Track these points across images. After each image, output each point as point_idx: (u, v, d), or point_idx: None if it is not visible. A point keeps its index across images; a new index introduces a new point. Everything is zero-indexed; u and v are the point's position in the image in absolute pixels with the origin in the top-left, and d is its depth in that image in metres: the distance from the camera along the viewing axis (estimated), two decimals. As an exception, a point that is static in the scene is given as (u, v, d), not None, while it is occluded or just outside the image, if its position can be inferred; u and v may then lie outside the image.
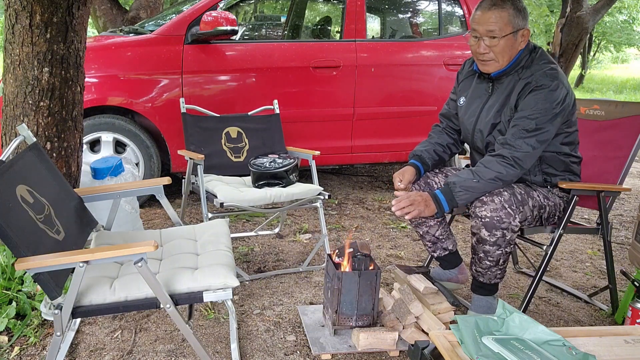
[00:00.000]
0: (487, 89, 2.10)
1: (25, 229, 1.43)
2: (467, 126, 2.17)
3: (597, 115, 2.39)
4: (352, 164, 4.63)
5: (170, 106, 3.33)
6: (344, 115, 3.79)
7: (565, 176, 2.11)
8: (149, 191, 1.99)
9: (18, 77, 2.33)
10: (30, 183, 1.59)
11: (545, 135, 1.94)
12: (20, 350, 1.90)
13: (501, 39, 1.95)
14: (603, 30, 18.24)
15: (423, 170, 2.23)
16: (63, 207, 1.72)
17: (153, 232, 2.02)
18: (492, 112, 2.06)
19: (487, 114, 2.08)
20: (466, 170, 2.00)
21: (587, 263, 3.00)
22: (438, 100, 3.89)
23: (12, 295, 2.07)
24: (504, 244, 1.94)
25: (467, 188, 1.93)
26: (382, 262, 2.83)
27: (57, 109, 2.38)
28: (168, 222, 3.26)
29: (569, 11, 7.79)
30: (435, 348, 1.06)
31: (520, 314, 1.13)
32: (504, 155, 1.94)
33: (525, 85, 1.96)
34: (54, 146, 2.40)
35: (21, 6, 2.24)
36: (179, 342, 1.98)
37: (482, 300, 2.10)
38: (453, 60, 3.97)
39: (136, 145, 3.39)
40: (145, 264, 1.41)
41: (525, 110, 1.94)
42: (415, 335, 1.95)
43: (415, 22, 4.78)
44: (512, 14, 1.95)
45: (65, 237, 1.60)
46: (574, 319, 2.31)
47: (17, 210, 1.44)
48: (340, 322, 1.97)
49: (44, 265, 1.35)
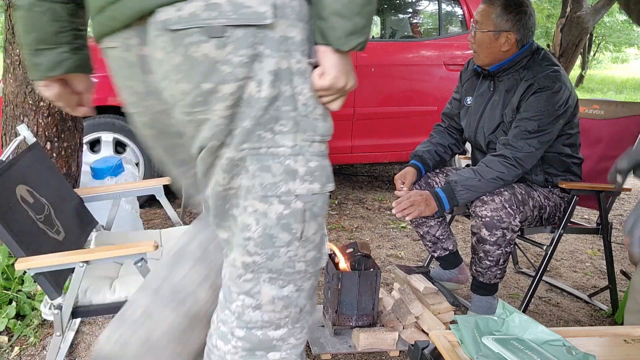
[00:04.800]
0: (489, 87, 2.11)
1: (25, 229, 1.43)
2: (471, 124, 2.17)
3: (597, 115, 2.39)
4: (352, 164, 4.63)
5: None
6: (344, 115, 3.79)
7: (566, 176, 2.11)
8: (149, 191, 1.99)
9: (18, 77, 2.33)
10: (30, 183, 1.59)
11: (547, 136, 1.95)
12: (20, 350, 1.89)
13: (481, 32, 2.00)
14: (603, 32, 18.27)
15: (424, 170, 2.23)
16: (63, 207, 1.72)
17: (153, 232, 2.02)
18: (494, 110, 2.07)
19: (490, 112, 2.08)
20: (468, 170, 2.00)
21: (587, 263, 3.00)
22: (438, 100, 3.89)
23: (12, 295, 2.07)
24: (504, 243, 1.94)
25: (469, 187, 1.94)
26: (382, 262, 2.83)
27: (57, 109, 2.38)
28: (168, 222, 3.26)
29: (569, 11, 7.79)
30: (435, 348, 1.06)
31: (520, 314, 1.13)
32: (505, 155, 1.94)
33: (528, 86, 1.96)
34: (54, 146, 2.40)
35: (21, 6, 2.24)
36: (179, 342, 1.98)
37: (482, 300, 2.10)
38: (453, 60, 3.97)
39: (136, 145, 3.39)
40: (145, 264, 1.41)
41: (527, 112, 1.94)
42: (415, 335, 1.95)
43: (415, 22, 4.78)
44: (498, 13, 1.97)
45: (65, 237, 1.60)
46: (574, 319, 2.31)
47: (17, 210, 1.44)
48: (340, 322, 1.97)
49: (44, 265, 1.35)
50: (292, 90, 0.91)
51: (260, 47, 0.87)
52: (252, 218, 0.95)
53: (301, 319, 1.05)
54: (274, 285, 0.99)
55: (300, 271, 1.00)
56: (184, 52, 0.85)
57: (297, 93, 0.92)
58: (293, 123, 0.92)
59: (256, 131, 0.90)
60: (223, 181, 0.95)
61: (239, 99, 0.88)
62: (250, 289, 0.99)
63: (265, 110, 0.89)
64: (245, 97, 0.88)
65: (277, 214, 0.94)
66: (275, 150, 0.92)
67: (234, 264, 1.00)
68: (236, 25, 0.84)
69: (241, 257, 0.98)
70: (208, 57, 0.85)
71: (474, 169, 1.97)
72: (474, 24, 2.03)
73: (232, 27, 0.84)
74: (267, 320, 1.01)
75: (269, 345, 1.02)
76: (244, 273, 0.99)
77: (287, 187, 0.93)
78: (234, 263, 0.99)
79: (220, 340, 1.03)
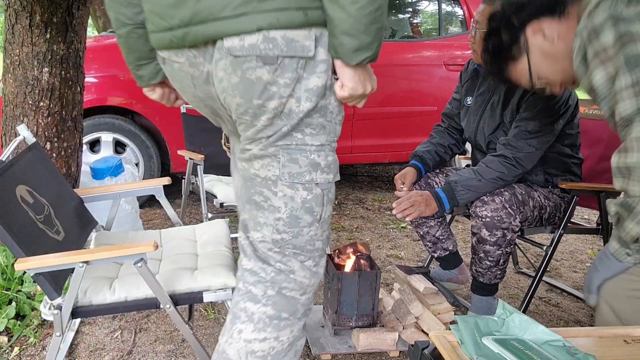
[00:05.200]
0: (489, 87, 2.11)
1: (25, 229, 1.43)
2: (471, 124, 2.17)
3: (597, 115, 2.39)
4: (352, 164, 4.63)
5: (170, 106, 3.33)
6: (344, 115, 3.79)
7: (566, 177, 2.11)
8: (148, 191, 1.99)
9: (18, 77, 2.33)
10: (30, 183, 1.58)
11: (547, 136, 1.95)
12: (20, 350, 1.89)
13: (481, 32, 1.98)
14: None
15: (424, 170, 2.24)
16: (63, 207, 1.72)
17: (153, 232, 2.02)
18: (494, 111, 2.07)
19: (490, 112, 2.09)
20: (468, 170, 2.00)
21: (587, 263, 3.00)
22: (438, 101, 3.89)
23: (12, 295, 2.07)
24: (504, 244, 1.94)
25: (469, 187, 1.94)
26: (382, 263, 2.83)
27: (57, 109, 2.38)
28: (168, 222, 3.26)
29: (569, 11, 7.78)
30: (435, 348, 1.06)
31: (520, 314, 1.13)
32: (505, 155, 1.94)
33: None
34: (53, 146, 2.41)
35: (21, 6, 2.24)
36: (178, 342, 1.98)
37: (482, 300, 2.10)
38: (453, 60, 3.97)
39: (136, 146, 3.39)
40: (145, 264, 1.41)
41: (527, 112, 1.94)
42: (415, 335, 1.95)
43: (415, 22, 4.78)
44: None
45: (65, 238, 1.60)
46: (574, 319, 2.31)
47: (16, 211, 1.44)
48: (340, 322, 1.97)
49: (43, 265, 1.35)
50: (324, 102, 1.12)
51: (302, 71, 1.07)
52: (281, 202, 1.16)
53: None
54: (297, 259, 1.21)
55: (319, 249, 1.23)
56: (241, 74, 1.07)
57: (328, 104, 1.13)
58: (320, 127, 1.14)
59: (291, 133, 1.12)
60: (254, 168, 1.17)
61: (280, 112, 1.10)
62: (279, 261, 1.20)
63: (300, 120, 1.11)
64: (286, 110, 1.10)
65: (302, 199, 1.16)
66: (303, 147, 1.14)
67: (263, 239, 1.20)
68: (286, 56, 1.05)
69: (271, 235, 1.19)
70: (261, 80, 1.06)
71: (474, 169, 1.97)
72: (474, 24, 2.03)
73: (283, 57, 1.05)
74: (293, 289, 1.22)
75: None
76: (273, 247, 1.19)
77: (310, 176, 1.15)
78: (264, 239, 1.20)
79: (250, 301, 1.21)
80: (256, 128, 1.12)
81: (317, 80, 1.09)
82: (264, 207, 1.18)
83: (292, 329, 1.23)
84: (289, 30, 1.04)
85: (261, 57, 1.04)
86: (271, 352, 1.21)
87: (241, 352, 1.21)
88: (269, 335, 1.20)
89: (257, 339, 1.20)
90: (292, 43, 1.04)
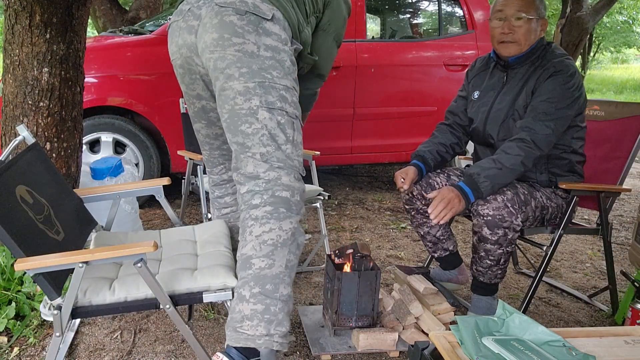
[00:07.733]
0: (502, 78, 2.12)
1: (25, 229, 1.43)
2: (480, 116, 2.17)
3: (597, 115, 2.39)
4: (352, 164, 4.63)
5: (170, 107, 3.33)
6: (344, 115, 3.79)
7: (569, 176, 2.11)
8: (148, 191, 1.99)
9: (17, 78, 2.32)
10: (29, 183, 1.58)
11: (563, 119, 1.97)
12: (19, 350, 1.89)
13: (527, 21, 2.01)
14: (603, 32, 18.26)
15: (425, 170, 2.23)
16: (62, 208, 1.72)
17: (153, 232, 2.01)
18: (505, 100, 2.08)
19: (500, 102, 2.09)
20: (486, 160, 1.97)
21: (587, 264, 3.00)
22: (438, 101, 3.89)
23: (12, 295, 2.07)
24: (505, 243, 1.94)
25: (491, 177, 1.91)
26: (382, 263, 2.83)
27: (57, 109, 2.38)
28: (168, 223, 3.26)
29: (569, 11, 7.80)
30: (435, 349, 1.06)
31: (520, 315, 1.13)
32: (523, 138, 1.94)
33: (544, 71, 2.00)
34: (53, 146, 2.40)
35: (21, 6, 2.24)
36: (178, 342, 1.98)
37: (482, 300, 2.10)
38: (453, 60, 3.97)
39: (136, 146, 3.39)
40: (145, 265, 1.41)
41: (544, 95, 1.97)
42: (415, 335, 1.95)
43: (415, 23, 4.78)
44: (538, 0, 2.03)
45: (64, 238, 1.60)
46: (574, 320, 2.31)
47: (16, 211, 1.44)
48: (340, 322, 1.97)
49: (43, 265, 1.35)
50: (280, 57, 1.61)
51: (260, 30, 1.59)
52: (262, 123, 1.57)
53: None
54: (281, 170, 1.58)
55: (296, 166, 1.61)
56: (220, 18, 1.59)
57: (283, 60, 1.61)
58: (284, 73, 1.61)
59: (261, 72, 1.57)
60: (239, 101, 1.57)
61: (244, 51, 1.57)
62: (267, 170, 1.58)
63: (263, 62, 1.58)
64: (249, 51, 1.57)
65: (277, 121, 1.59)
66: (274, 84, 1.59)
67: (252, 156, 1.58)
68: (252, 12, 1.59)
69: (259, 150, 1.57)
70: (232, 22, 1.58)
71: (493, 158, 1.95)
72: (515, 16, 2.01)
73: (249, 12, 1.59)
74: (283, 189, 1.59)
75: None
76: (260, 161, 1.57)
77: (281, 104, 1.59)
78: (253, 156, 1.57)
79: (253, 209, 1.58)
80: (227, 58, 1.56)
81: (272, 42, 1.60)
82: (249, 132, 1.57)
83: (291, 220, 1.57)
84: (257, 1, 1.61)
85: (235, 9, 1.59)
86: (279, 239, 1.54)
87: (255, 245, 1.53)
88: (273, 226, 1.53)
89: (264, 231, 1.53)
90: (257, 8, 1.60)
